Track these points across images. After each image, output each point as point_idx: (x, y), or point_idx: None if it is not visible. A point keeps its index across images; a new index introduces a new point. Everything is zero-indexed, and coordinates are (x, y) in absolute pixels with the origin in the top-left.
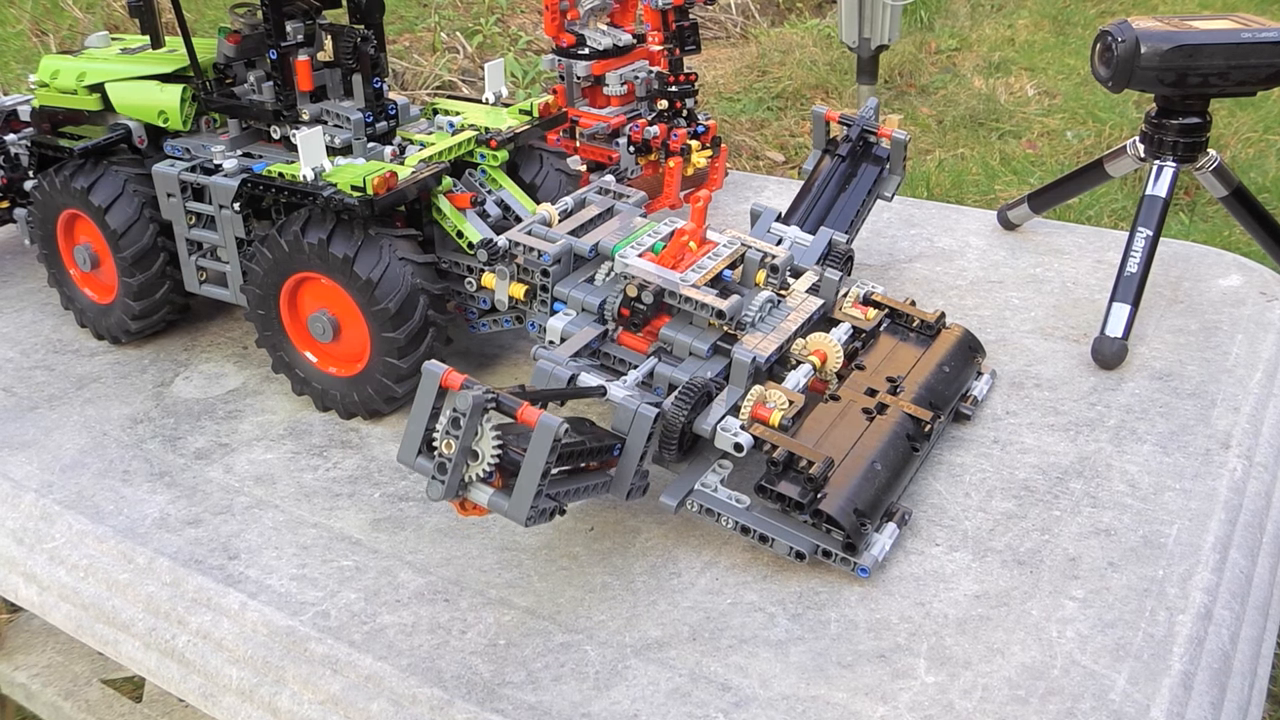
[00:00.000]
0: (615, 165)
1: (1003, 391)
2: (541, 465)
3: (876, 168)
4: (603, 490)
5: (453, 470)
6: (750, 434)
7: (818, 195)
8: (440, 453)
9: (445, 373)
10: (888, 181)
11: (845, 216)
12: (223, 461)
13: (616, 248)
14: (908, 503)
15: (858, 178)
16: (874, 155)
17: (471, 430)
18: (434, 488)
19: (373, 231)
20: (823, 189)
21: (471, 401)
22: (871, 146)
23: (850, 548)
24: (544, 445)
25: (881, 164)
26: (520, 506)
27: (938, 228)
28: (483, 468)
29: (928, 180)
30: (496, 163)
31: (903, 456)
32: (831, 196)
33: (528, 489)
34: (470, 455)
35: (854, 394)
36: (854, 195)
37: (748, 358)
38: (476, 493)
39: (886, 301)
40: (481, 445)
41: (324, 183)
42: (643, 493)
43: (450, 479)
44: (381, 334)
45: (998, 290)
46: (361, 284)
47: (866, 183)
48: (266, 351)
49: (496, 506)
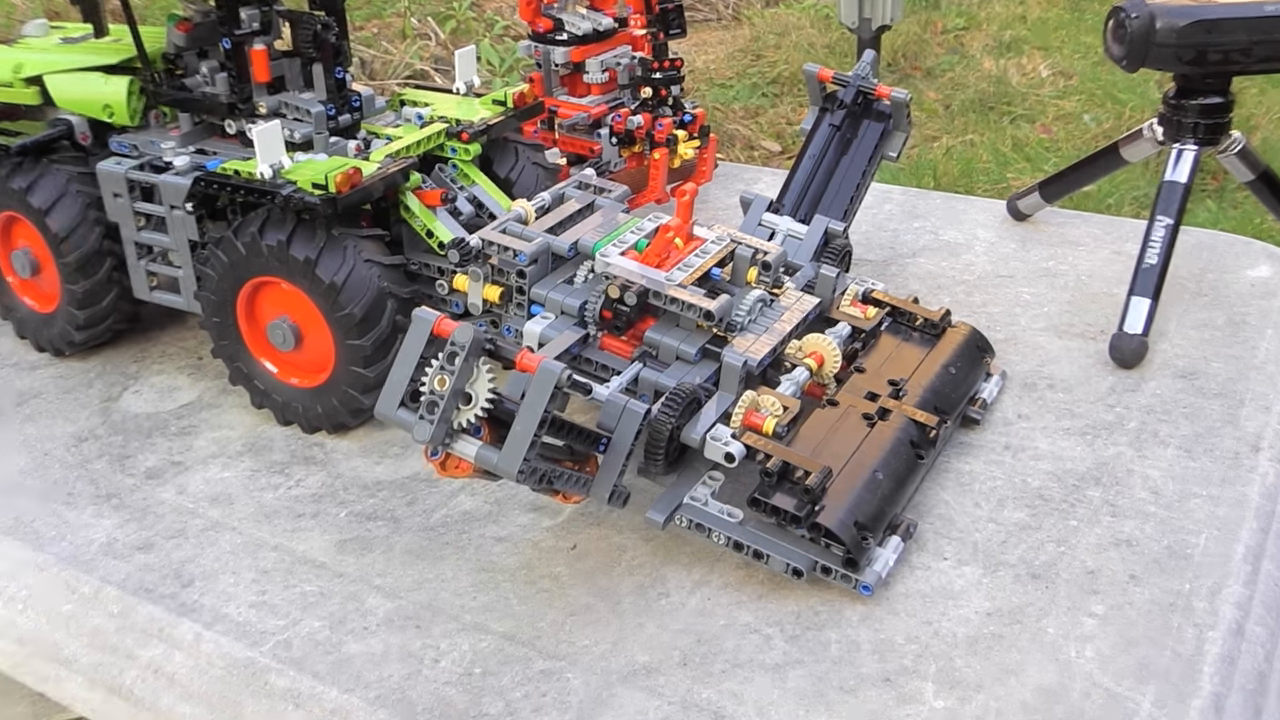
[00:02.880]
0: (596, 158)
1: (1014, 393)
2: (539, 412)
3: (880, 124)
4: (581, 489)
5: (443, 409)
6: (742, 443)
7: (812, 170)
8: (432, 389)
9: (438, 319)
10: (892, 139)
11: (844, 195)
12: (176, 481)
13: (597, 246)
14: (913, 514)
15: (858, 139)
16: (876, 112)
17: (467, 370)
18: (421, 428)
19: (336, 232)
20: (818, 161)
21: (472, 336)
22: (872, 104)
23: (851, 563)
24: (544, 390)
25: (884, 120)
26: (512, 458)
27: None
28: (476, 412)
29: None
30: (468, 157)
31: (907, 465)
32: (829, 170)
33: (522, 437)
34: (462, 399)
35: (853, 398)
36: (854, 163)
37: (739, 361)
38: (463, 445)
39: (888, 299)
40: (476, 387)
41: (283, 181)
42: (623, 502)
43: (439, 419)
44: (346, 341)
45: (1008, 285)
46: (325, 288)
47: (868, 145)
48: (223, 362)
49: (484, 460)
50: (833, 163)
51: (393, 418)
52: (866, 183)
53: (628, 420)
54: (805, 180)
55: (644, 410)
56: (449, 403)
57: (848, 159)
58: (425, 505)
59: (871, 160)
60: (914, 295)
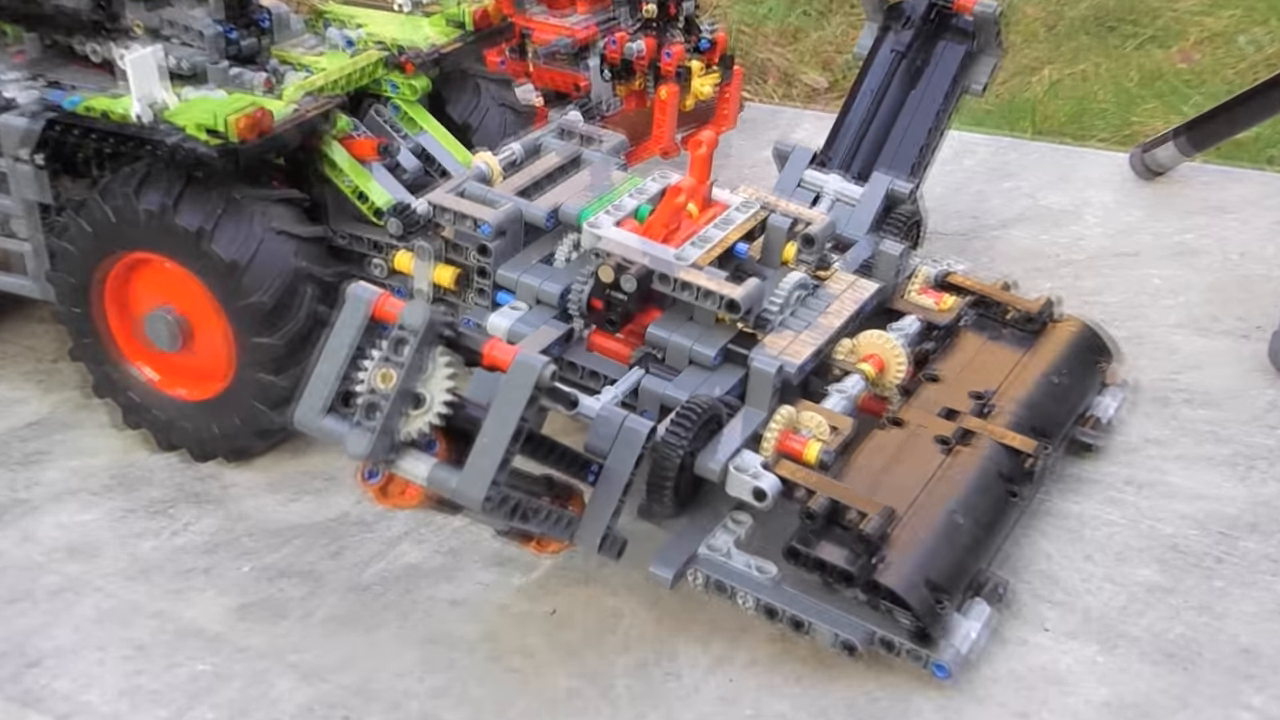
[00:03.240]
0: (583, 97)
1: (1141, 410)
2: (514, 421)
3: (960, 47)
4: (563, 533)
5: (386, 415)
6: (776, 475)
7: (870, 110)
8: (373, 388)
9: (379, 297)
10: (976, 67)
11: (911, 144)
12: (19, 525)
13: (585, 213)
14: (1004, 570)
15: (932, 68)
16: (955, 30)
17: (419, 364)
18: (356, 438)
19: (237, 194)
20: (878, 98)
21: (426, 318)
22: (950, 20)
23: (923, 636)
24: (521, 392)
25: (966, 41)
26: (476, 480)
27: (1045, 177)
28: (430, 419)
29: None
30: (414, 95)
31: (996, 505)
32: (892, 110)
33: (491, 453)
34: (411, 402)
35: (925, 416)
36: (926, 100)
37: (772, 367)
38: (411, 463)
39: (970, 285)
40: (430, 386)
41: (166, 125)
42: (618, 552)
43: (381, 428)
44: (252, 339)
45: (1132, 266)
46: (222, 268)
47: (944, 75)
48: (84, 367)
49: (439, 483)
50: (897, 100)
51: (317, 427)
52: (942, 127)
53: (626, 443)
54: (861, 124)
55: (647, 429)
56: (394, 406)
57: (917, 94)
58: (356, 556)
59: (949, 96)
60: (1006, 280)
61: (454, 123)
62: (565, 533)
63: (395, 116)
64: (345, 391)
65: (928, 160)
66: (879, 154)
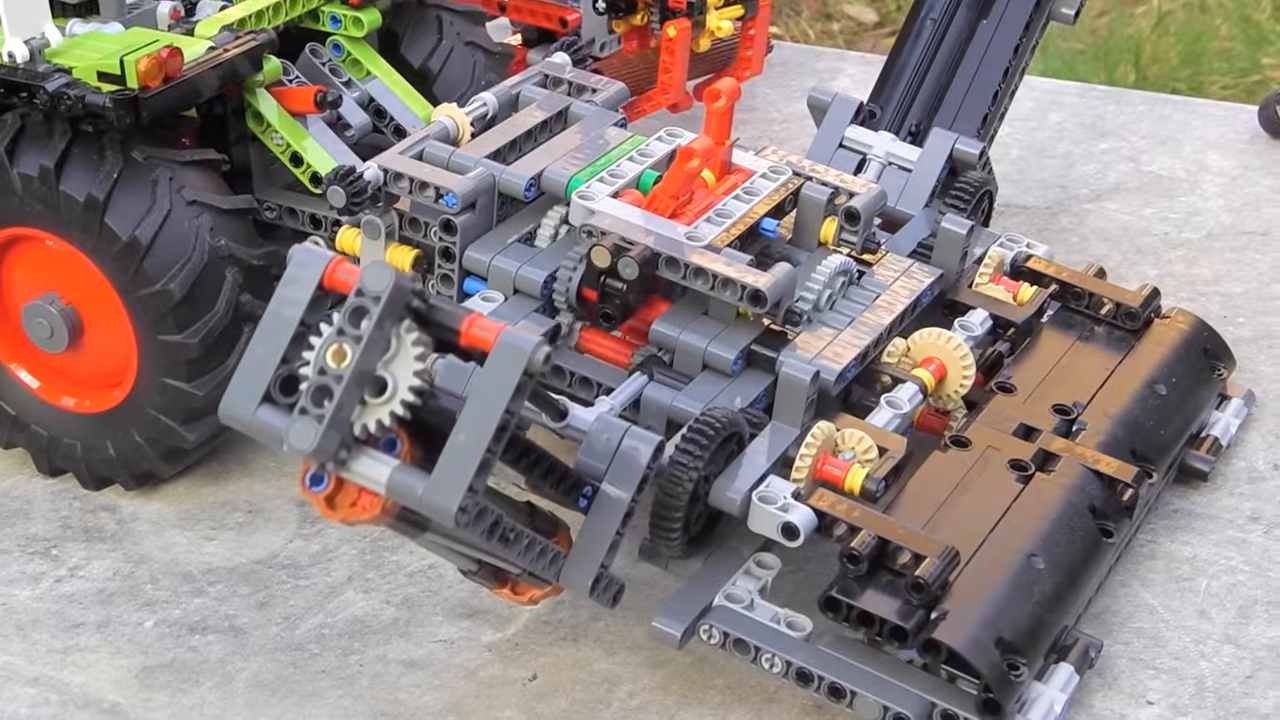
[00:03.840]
0: (572, 34)
1: (1265, 429)
2: (497, 416)
3: None
4: (546, 570)
5: (339, 400)
6: (811, 507)
7: (928, 52)
8: (323, 367)
9: (331, 262)
10: None
11: (981, 94)
12: None
13: (575, 182)
14: (1094, 628)
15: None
16: None
17: (381, 340)
18: (301, 429)
19: (138, 155)
20: (937, 37)
21: (391, 284)
22: None
23: (993, 707)
24: (507, 377)
25: None
26: (449, 487)
27: (1149, 137)
28: (394, 408)
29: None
30: (360, 32)
31: (1084, 546)
32: (954, 52)
33: (469, 455)
34: (371, 387)
35: (996, 436)
36: (998, 39)
37: (806, 374)
38: (368, 464)
39: (1054, 272)
40: (395, 369)
41: (49, 66)
42: (614, 598)
43: (333, 416)
44: (157, 337)
45: (1259, 249)
46: (119, 248)
47: (1021, 6)
48: None
49: (403, 489)
50: (962, 35)
51: (249, 421)
52: (1021, 68)
53: (626, 462)
54: (917, 67)
55: (654, 446)
56: (349, 390)
57: (988, 27)
58: (288, 607)
59: (1029, 28)
60: (1098, 265)
61: (411, 67)
62: (550, 571)
63: (337, 59)
64: (285, 376)
65: (999, 113)
66: (938, 108)
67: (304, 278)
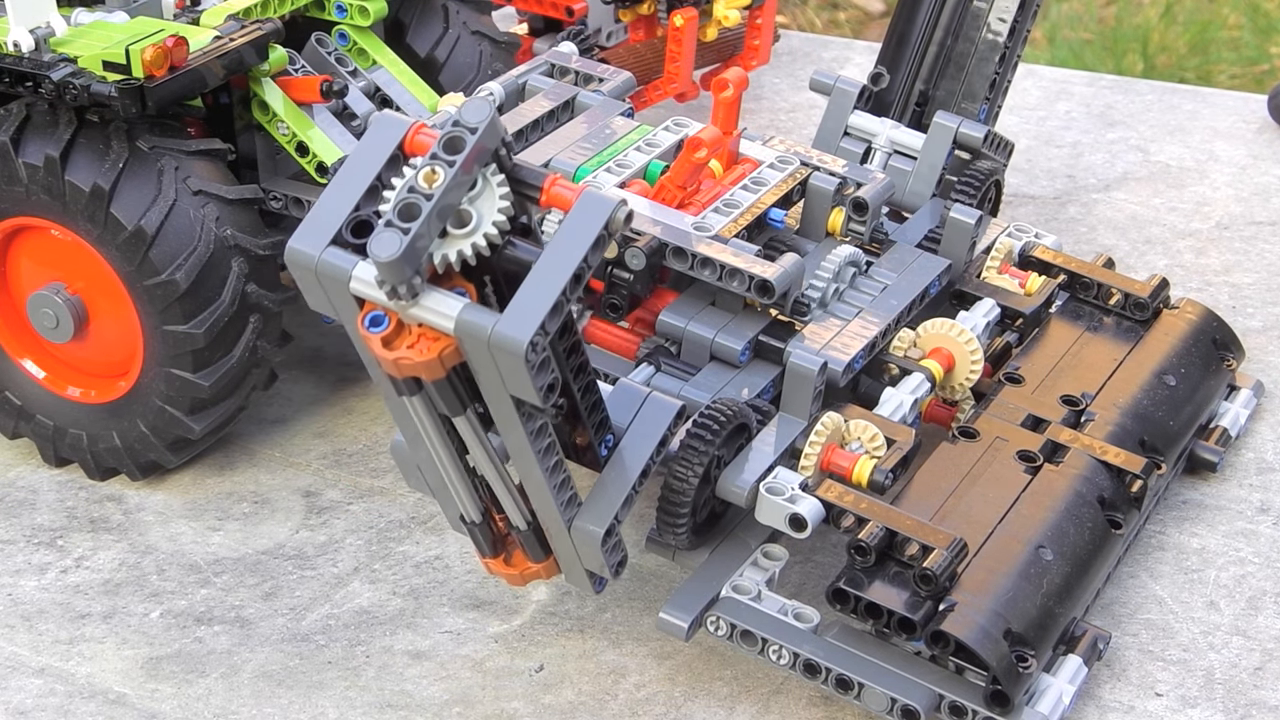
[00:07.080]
0: (578, 24)
1: (1275, 419)
2: (575, 262)
3: None
4: (564, 508)
5: (424, 221)
6: (819, 499)
7: (928, 21)
8: (412, 187)
9: (413, 126)
10: None
11: (982, 71)
12: None
13: (582, 171)
14: (1103, 620)
15: None
16: None
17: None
18: (386, 239)
19: (144, 144)
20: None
21: (490, 117)
22: None
23: (1001, 699)
24: (588, 229)
25: None
26: (523, 321)
27: (1157, 126)
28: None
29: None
30: (367, 20)
31: (1093, 538)
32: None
33: (546, 292)
34: (454, 219)
35: (1004, 427)
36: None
37: (814, 364)
38: (439, 299)
39: (1063, 262)
40: (479, 205)
41: (54, 55)
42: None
43: (417, 232)
44: (163, 327)
45: (1268, 239)
46: (125, 238)
47: None
48: None
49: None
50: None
51: (315, 261)
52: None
53: (650, 418)
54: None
55: (677, 408)
56: (438, 210)
57: None
58: (294, 598)
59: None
60: (1106, 255)
61: (417, 56)
62: (566, 511)
63: (344, 48)
64: (358, 221)
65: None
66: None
67: (384, 138)
